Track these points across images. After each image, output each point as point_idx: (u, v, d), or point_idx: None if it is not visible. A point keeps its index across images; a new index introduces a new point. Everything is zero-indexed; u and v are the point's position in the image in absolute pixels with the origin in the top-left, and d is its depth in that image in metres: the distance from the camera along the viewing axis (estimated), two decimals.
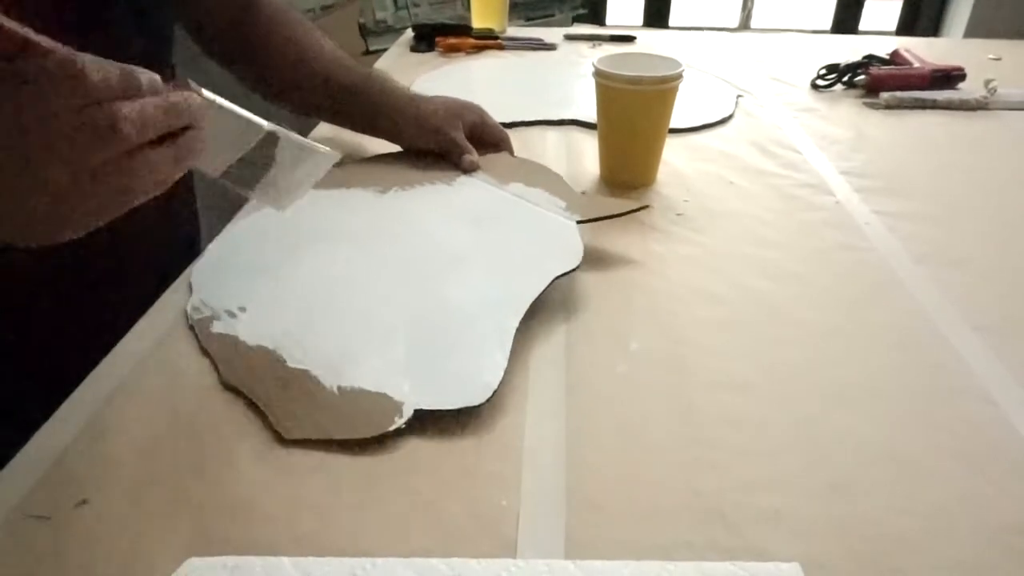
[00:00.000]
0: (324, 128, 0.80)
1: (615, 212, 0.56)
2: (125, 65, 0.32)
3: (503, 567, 0.32)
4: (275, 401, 0.41)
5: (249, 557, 0.32)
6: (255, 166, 0.44)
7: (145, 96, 0.33)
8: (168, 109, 0.33)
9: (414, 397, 0.40)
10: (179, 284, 0.53)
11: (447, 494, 0.36)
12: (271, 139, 0.44)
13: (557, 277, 0.49)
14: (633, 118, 0.66)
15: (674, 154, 0.75)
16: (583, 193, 0.59)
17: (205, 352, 0.45)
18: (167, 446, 0.39)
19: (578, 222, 0.55)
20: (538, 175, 0.63)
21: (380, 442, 0.39)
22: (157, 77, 0.34)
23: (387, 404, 0.40)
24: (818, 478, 0.37)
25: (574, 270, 0.50)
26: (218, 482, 0.36)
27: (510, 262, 0.52)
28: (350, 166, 0.69)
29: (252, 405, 0.41)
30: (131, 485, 0.36)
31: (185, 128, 0.35)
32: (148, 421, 0.40)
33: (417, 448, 0.39)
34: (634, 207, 0.57)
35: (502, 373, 0.42)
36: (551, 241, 0.54)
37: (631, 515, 0.35)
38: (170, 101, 0.34)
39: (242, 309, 0.49)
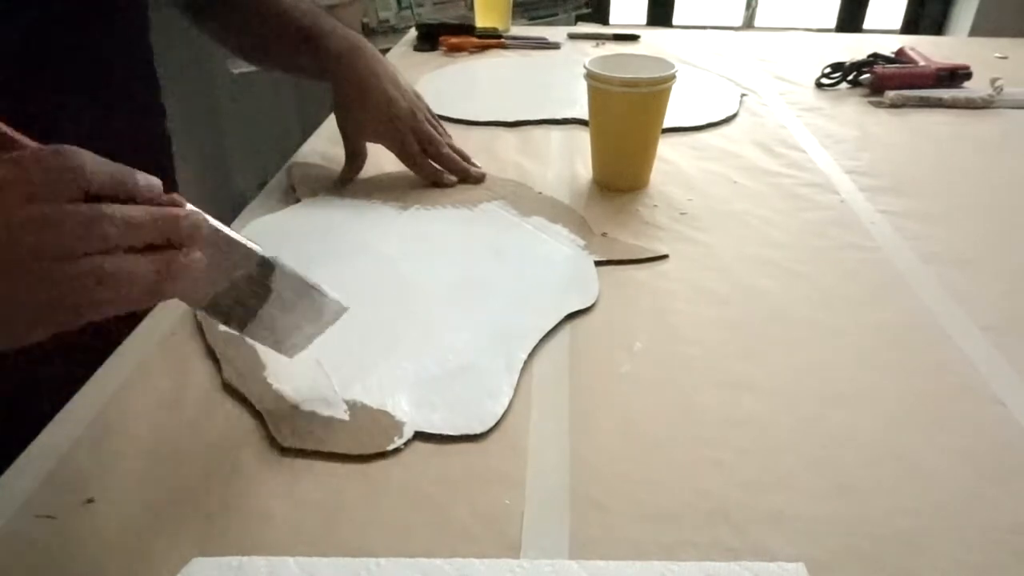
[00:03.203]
0: (319, 141, 0.80)
1: (634, 257, 0.56)
2: (122, 166, 0.31)
3: (507, 567, 0.32)
4: (275, 408, 0.41)
5: (254, 557, 0.32)
6: (246, 299, 0.38)
7: (138, 200, 0.31)
8: (160, 218, 0.31)
9: (416, 418, 0.40)
10: None
11: (451, 494, 0.36)
12: (266, 268, 0.38)
13: (570, 314, 0.49)
14: (624, 120, 0.65)
15: (678, 153, 0.75)
16: (603, 235, 0.59)
17: (211, 350, 0.45)
18: (173, 445, 0.39)
19: (596, 263, 0.55)
20: (560, 212, 0.63)
21: (380, 456, 0.38)
22: (157, 182, 0.32)
23: (388, 422, 0.40)
24: (823, 478, 0.37)
25: (588, 308, 0.50)
26: (223, 482, 0.37)
27: (525, 294, 0.51)
28: (372, 177, 0.69)
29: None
30: (137, 484, 0.36)
31: (176, 247, 0.32)
32: (154, 420, 0.40)
33: (421, 448, 0.39)
34: (654, 254, 0.57)
35: (507, 403, 0.41)
36: (568, 277, 0.53)
37: (635, 515, 0.35)
38: (165, 211, 0.31)
39: None
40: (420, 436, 0.39)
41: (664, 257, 0.57)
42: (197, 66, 1.50)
